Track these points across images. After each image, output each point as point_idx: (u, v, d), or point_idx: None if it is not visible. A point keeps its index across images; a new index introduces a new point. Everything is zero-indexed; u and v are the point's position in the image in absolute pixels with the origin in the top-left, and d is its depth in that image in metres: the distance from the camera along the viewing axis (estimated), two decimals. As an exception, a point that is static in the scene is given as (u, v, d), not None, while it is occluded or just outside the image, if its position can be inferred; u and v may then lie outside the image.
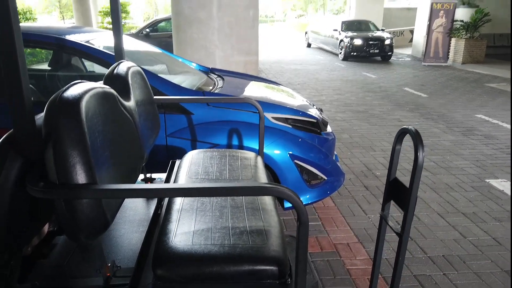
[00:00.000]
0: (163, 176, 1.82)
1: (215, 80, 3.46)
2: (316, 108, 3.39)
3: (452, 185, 3.70)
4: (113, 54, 2.45)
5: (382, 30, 15.08)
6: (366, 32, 14.31)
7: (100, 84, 1.19)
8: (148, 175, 1.91)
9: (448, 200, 3.39)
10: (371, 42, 13.52)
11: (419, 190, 3.57)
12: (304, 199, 2.79)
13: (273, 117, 2.78)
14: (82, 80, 1.15)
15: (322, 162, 2.89)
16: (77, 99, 1.04)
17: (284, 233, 1.26)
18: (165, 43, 10.51)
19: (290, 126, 2.83)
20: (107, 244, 1.36)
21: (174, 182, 1.51)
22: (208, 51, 5.98)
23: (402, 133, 1.43)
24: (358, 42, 13.60)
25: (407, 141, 4.83)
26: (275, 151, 2.67)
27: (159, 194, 0.97)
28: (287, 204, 2.74)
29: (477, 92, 8.26)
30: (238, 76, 3.99)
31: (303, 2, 47.74)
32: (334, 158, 3.20)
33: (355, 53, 13.68)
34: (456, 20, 12.56)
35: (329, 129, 3.21)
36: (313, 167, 2.82)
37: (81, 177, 1.01)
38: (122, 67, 1.55)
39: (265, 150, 2.62)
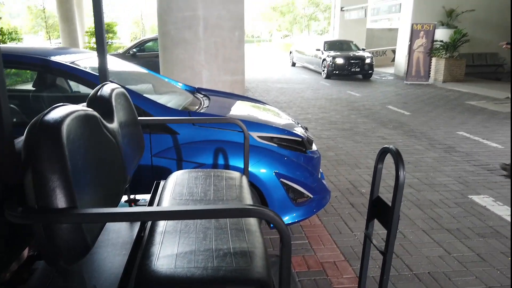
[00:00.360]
0: (148, 197, 1.81)
1: (201, 99, 3.48)
2: (301, 126, 3.43)
3: (436, 201, 3.75)
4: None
5: (363, 49, 15.65)
6: (348, 52, 14.87)
7: (82, 107, 1.19)
8: (132, 196, 1.90)
9: (432, 216, 3.43)
10: (352, 61, 14.07)
11: (404, 207, 3.61)
12: (291, 217, 2.79)
13: (258, 136, 2.80)
14: (65, 103, 1.16)
15: (307, 180, 2.91)
16: (58, 123, 1.04)
17: (268, 254, 1.27)
18: (152, 63, 10.56)
19: (276, 145, 2.85)
20: (88, 268, 1.34)
21: (158, 203, 1.50)
22: (195, 71, 6.03)
23: (383, 152, 1.47)
24: (340, 61, 14.10)
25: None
26: (261, 170, 2.69)
27: (139, 218, 0.97)
28: (274, 223, 2.74)
29: (458, 109, 8.48)
30: (224, 96, 4.02)
31: (288, 22, 48.73)
32: (319, 176, 3.22)
33: (337, 72, 14.17)
34: (436, 40, 12.97)
35: (314, 147, 3.25)
36: (299, 186, 2.84)
37: (60, 202, 0.99)
38: (106, 89, 1.55)
39: (250, 169, 2.63)
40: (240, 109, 3.54)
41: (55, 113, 1.07)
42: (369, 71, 14.25)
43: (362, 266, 1.61)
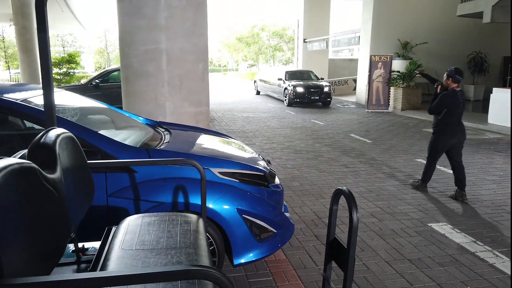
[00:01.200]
0: (98, 244, 1.71)
1: (162, 134, 3.43)
2: (264, 160, 3.43)
3: (398, 230, 3.82)
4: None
5: (322, 79, 16.52)
6: (307, 81, 15.68)
7: (18, 160, 1.12)
8: (80, 245, 1.79)
9: (394, 246, 3.48)
10: (312, 90, 14.87)
11: (367, 237, 3.65)
12: (255, 254, 2.74)
13: (219, 172, 2.77)
14: (1, 156, 1.09)
15: (271, 215, 2.88)
16: None
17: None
18: (116, 93, 10.36)
19: (237, 181, 2.82)
20: None
21: (106, 254, 1.42)
22: (158, 103, 5.98)
23: (337, 194, 1.47)
24: (300, 89, 14.87)
25: (355, 186, 4.97)
26: (222, 207, 2.64)
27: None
28: (238, 261, 2.67)
29: (416, 137, 8.83)
30: (187, 129, 3.99)
31: (253, 53, 49.87)
32: (283, 209, 3.21)
33: (298, 100, 14.90)
34: (393, 71, 13.65)
35: (277, 180, 3.25)
36: (262, 221, 2.80)
37: None
38: (51, 135, 1.48)
39: (212, 206, 2.58)
40: (202, 144, 3.51)
41: None
42: (328, 99, 15.09)
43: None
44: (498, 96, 10.20)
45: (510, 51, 16.18)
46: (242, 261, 2.69)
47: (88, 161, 1.81)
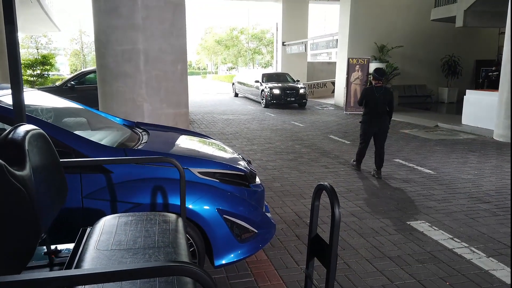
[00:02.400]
0: (72, 246, 1.63)
1: (140, 134, 3.35)
2: (245, 160, 3.40)
3: (377, 229, 3.85)
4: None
5: (297, 81, 17.00)
6: (284, 83, 16.13)
7: None
8: (53, 247, 1.70)
9: (374, 244, 3.50)
10: (287, 91, 15.28)
11: (347, 236, 3.66)
12: (236, 255, 2.70)
13: (199, 172, 2.72)
14: None
15: (251, 215, 2.85)
16: None
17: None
18: (93, 95, 10.12)
19: (218, 181, 2.78)
20: None
21: (80, 255, 1.35)
22: (136, 104, 5.86)
23: (319, 190, 1.46)
24: (276, 91, 15.27)
25: (341, 183, 5.00)
26: (202, 207, 2.59)
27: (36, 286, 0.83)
28: (218, 262, 2.63)
29: (393, 138, 8.98)
30: (165, 130, 3.91)
31: (233, 56, 49.83)
32: (264, 209, 3.18)
33: (274, 101, 15.27)
34: (371, 74, 13.86)
35: (257, 181, 3.22)
36: (243, 221, 2.77)
37: None
38: (19, 131, 1.40)
39: (191, 207, 2.52)
40: (181, 144, 3.45)
41: None
42: (303, 100, 15.48)
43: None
44: (471, 98, 10.50)
45: (481, 55, 16.76)
46: (223, 262, 2.64)
47: (61, 160, 1.74)
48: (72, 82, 11.01)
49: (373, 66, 14.23)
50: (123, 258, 1.33)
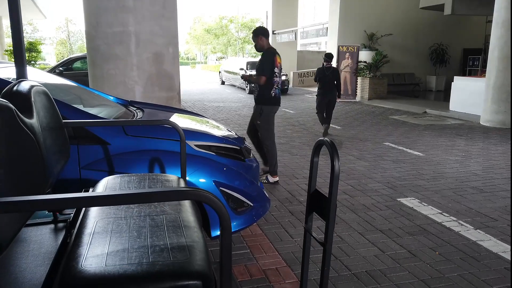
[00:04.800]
0: (73, 211, 1.65)
1: (134, 112, 3.35)
2: (239, 136, 3.43)
3: (369, 205, 3.93)
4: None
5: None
6: None
7: None
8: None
9: (366, 219, 3.59)
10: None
11: (339, 212, 3.74)
12: (232, 226, 2.74)
13: (196, 145, 2.75)
14: None
15: (247, 189, 2.89)
16: None
17: (209, 250, 1.21)
18: (81, 82, 10.04)
19: (214, 154, 2.81)
20: (4, 280, 1.18)
21: (85, 212, 1.37)
22: (127, 87, 5.82)
23: (319, 145, 1.50)
24: None
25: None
26: (199, 180, 2.62)
27: (66, 205, 0.87)
28: (215, 233, 2.67)
29: (383, 123, 9.10)
30: (160, 109, 3.91)
31: (222, 45, 49.46)
32: (259, 184, 3.23)
33: None
34: (360, 61, 13.96)
35: (252, 156, 3.26)
36: (239, 194, 2.80)
37: None
38: (24, 85, 1.41)
39: (189, 178, 2.55)
40: (176, 120, 3.46)
41: None
42: (285, 86, 16.79)
43: (303, 260, 1.61)
44: (459, 84, 10.67)
45: (469, 43, 16.97)
46: (219, 233, 2.69)
47: (64, 121, 1.75)
48: (61, 68, 10.86)
49: (362, 54, 14.33)
50: (129, 208, 1.36)
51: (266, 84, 4.51)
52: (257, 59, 27.21)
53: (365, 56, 14.29)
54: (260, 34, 4.69)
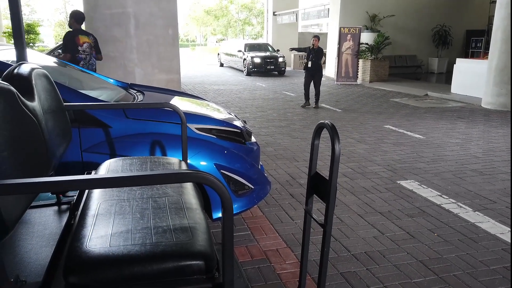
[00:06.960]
0: (76, 193, 1.67)
1: (135, 95, 3.34)
2: (240, 120, 3.43)
3: (369, 188, 3.96)
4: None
5: (278, 51, 17.84)
6: (264, 52, 17.25)
7: None
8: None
9: (365, 201, 3.62)
10: (267, 60, 16.56)
11: (339, 194, 3.77)
12: (233, 208, 2.77)
13: (196, 128, 2.75)
14: None
15: (248, 172, 2.91)
16: None
17: (211, 231, 1.23)
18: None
19: (215, 137, 2.82)
20: (9, 262, 1.20)
21: (88, 194, 1.39)
22: (127, 70, 5.80)
23: (319, 128, 1.50)
24: (257, 60, 16.46)
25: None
26: (200, 162, 2.63)
27: (70, 187, 0.88)
28: (216, 215, 2.70)
29: (384, 106, 9.07)
30: (160, 91, 3.90)
31: (223, 26, 48.81)
32: (259, 167, 3.24)
33: (255, 69, 16.48)
34: (362, 43, 13.80)
35: (253, 139, 3.27)
36: (239, 177, 2.82)
37: None
38: (24, 67, 1.41)
39: (190, 161, 2.57)
40: (177, 103, 3.45)
41: None
42: (282, 68, 16.83)
43: (303, 241, 1.64)
44: (461, 66, 10.57)
45: (472, 25, 16.74)
46: (220, 215, 2.72)
47: (65, 104, 1.75)
48: (59, 51, 10.74)
49: (364, 36, 14.15)
50: (132, 190, 1.37)
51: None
52: (257, 41, 27.14)
53: (366, 37, 14.12)
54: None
